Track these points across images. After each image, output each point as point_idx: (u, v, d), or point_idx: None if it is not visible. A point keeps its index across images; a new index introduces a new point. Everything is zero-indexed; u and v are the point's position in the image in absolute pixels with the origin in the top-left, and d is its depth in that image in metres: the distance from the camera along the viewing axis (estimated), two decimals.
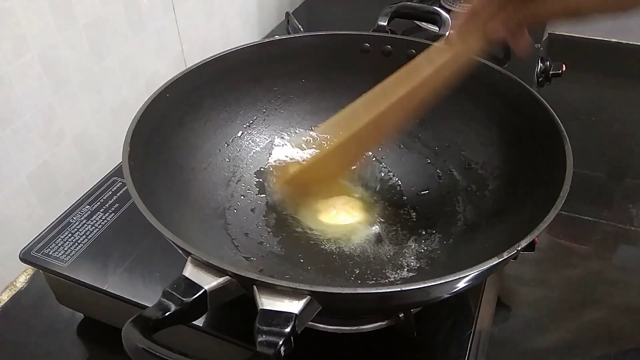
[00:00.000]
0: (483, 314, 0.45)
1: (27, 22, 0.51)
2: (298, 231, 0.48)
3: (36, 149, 0.56)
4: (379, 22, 0.68)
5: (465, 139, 0.52)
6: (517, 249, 0.32)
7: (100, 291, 0.44)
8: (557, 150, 0.40)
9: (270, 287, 0.30)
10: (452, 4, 0.85)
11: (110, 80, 0.64)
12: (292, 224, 0.49)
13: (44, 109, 0.56)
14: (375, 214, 0.50)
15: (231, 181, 0.52)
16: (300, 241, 0.48)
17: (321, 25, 0.93)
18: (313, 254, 0.46)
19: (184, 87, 0.48)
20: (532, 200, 0.41)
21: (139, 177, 0.38)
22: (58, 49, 0.55)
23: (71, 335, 0.50)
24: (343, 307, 0.36)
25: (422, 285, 0.30)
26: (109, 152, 0.66)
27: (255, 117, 0.55)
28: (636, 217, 0.74)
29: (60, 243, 0.48)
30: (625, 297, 0.64)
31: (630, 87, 1.06)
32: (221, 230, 0.47)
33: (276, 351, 0.28)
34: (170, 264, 0.46)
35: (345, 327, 0.41)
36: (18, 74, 0.52)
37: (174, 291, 0.31)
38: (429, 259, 0.45)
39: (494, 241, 0.42)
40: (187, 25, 0.75)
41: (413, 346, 0.41)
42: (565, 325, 0.61)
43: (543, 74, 0.76)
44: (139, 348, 0.28)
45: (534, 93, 0.45)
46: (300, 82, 0.56)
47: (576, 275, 0.66)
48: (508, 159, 0.48)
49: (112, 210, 0.51)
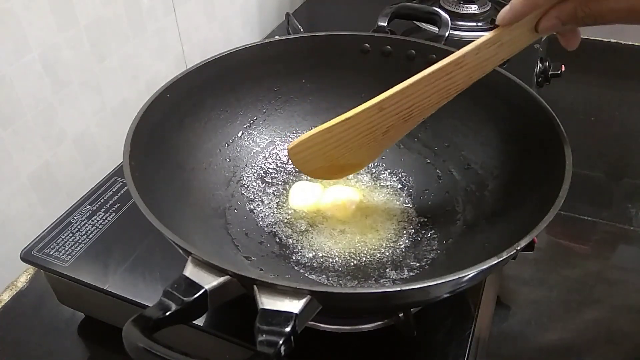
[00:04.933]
0: (482, 313, 0.45)
1: (28, 22, 0.51)
2: (298, 231, 0.49)
3: (37, 149, 0.56)
4: (379, 23, 0.68)
5: (464, 139, 0.52)
6: (517, 248, 0.32)
7: (101, 291, 0.44)
8: (556, 150, 0.40)
9: (271, 286, 0.30)
10: (451, 5, 0.86)
11: (111, 81, 0.64)
12: (292, 224, 0.49)
13: (44, 109, 0.56)
14: (374, 213, 0.50)
15: (231, 181, 0.52)
16: (300, 241, 0.48)
17: (321, 26, 0.94)
18: (313, 254, 0.46)
19: (185, 88, 0.48)
20: (532, 200, 0.41)
21: (140, 177, 0.38)
22: (59, 50, 0.56)
23: (72, 335, 0.50)
24: (343, 306, 0.36)
25: (422, 285, 0.30)
26: (109, 152, 0.66)
27: (255, 117, 0.55)
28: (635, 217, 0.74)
29: (61, 243, 0.48)
30: (625, 296, 0.64)
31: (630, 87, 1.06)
32: (221, 230, 0.47)
33: (276, 350, 0.28)
34: (170, 263, 0.46)
35: (345, 326, 0.41)
36: (19, 74, 0.52)
37: (174, 291, 0.31)
38: (429, 259, 0.45)
39: (493, 241, 0.42)
40: (187, 25, 0.75)
41: (413, 345, 0.41)
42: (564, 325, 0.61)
43: (542, 74, 0.77)
44: (140, 347, 0.28)
45: (533, 93, 0.45)
46: (300, 82, 0.56)
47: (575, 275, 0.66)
48: (507, 159, 0.48)
49: (112, 210, 0.51)
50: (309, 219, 0.50)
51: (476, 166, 0.50)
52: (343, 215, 0.50)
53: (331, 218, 0.50)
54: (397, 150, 0.55)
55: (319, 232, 0.48)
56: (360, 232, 0.48)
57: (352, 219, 0.50)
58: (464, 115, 0.51)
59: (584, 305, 0.63)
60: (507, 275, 0.66)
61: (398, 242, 0.47)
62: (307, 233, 0.48)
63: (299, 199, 0.51)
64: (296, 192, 0.52)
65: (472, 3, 0.85)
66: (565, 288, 0.65)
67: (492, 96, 0.49)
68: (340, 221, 0.49)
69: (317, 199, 0.51)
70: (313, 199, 0.51)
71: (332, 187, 0.53)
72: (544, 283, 0.66)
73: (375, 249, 0.47)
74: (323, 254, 0.46)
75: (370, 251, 0.47)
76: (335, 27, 0.57)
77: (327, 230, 0.48)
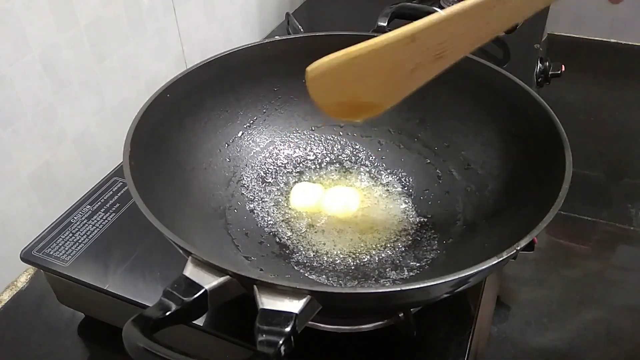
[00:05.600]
0: (482, 313, 0.45)
1: (28, 22, 0.51)
2: (298, 231, 0.49)
3: (37, 149, 0.56)
4: (379, 23, 0.68)
5: (464, 139, 0.52)
6: (517, 248, 0.32)
7: (101, 291, 0.44)
8: (556, 151, 0.40)
9: (271, 286, 0.30)
10: (451, 5, 0.86)
11: (111, 81, 0.64)
12: (292, 224, 0.49)
13: (44, 109, 0.56)
14: (374, 214, 0.50)
15: (231, 181, 0.52)
16: (300, 241, 0.48)
17: (321, 26, 0.94)
18: (313, 254, 0.46)
19: (185, 88, 0.48)
20: (531, 200, 0.41)
21: (140, 177, 0.38)
22: (59, 49, 0.56)
23: (72, 335, 0.50)
24: (343, 306, 0.36)
25: (421, 285, 0.30)
26: (109, 152, 0.66)
27: (255, 117, 0.55)
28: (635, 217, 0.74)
29: (61, 243, 0.48)
30: (624, 296, 0.64)
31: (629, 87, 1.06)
32: (221, 230, 0.47)
33: (276, 350, 0.28)
34: (170, 263, 0.46)
35: (345, 326, 0.41)
36: (19, 74, 0.52)
37: (174, 291, 0.31)
38: (429, 259, 0.45)
39: (493, 241, 0.42)
40: (187, 25, 0.75)
41: (413, 345, 0.41)
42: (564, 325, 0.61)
43: (542, 74, 0.77)
44: (140, 347, 0.28)
45: (533, 93, 0.45)
46: (300, 82, 0.55)
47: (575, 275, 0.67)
48: (507, 159, 0.48)
49: (112, 210, 0.51)
50: (309, 219, 0.50)
51: (476, 166, 0.50)
52: (343, 215, 0.50)
53: (331, 218, 0.50)
54: (397, 150, 0.55)
55: (319, 232, 0.48)
56: (360, 232, 0.48)
57: (352, 219, 0.50)
58: (464, 116, 0.51)
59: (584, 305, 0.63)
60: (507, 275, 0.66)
61: (398, 242, 0.47)
62: (307, 233, 0.48)
63: (300, 199, 0.51)
64: (297, 192, 0.52)
65: None
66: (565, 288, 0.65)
67: (493, 96, 0.49)
68: (340, 221, 0.49)
69: (317, 199, 0.51)
70: (314, 199, 0.51)
71: (332, 188, 0.53)
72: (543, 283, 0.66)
73: (375, 249, 0.47)
74: (323, 254, 0.46)
75: (370, 251, 0.47)
76: (335, 27, 0.57)
77: (327, 230, 0.49)
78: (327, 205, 0.51)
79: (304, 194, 0.52)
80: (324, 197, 0.52)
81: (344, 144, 0.57)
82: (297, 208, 0.51)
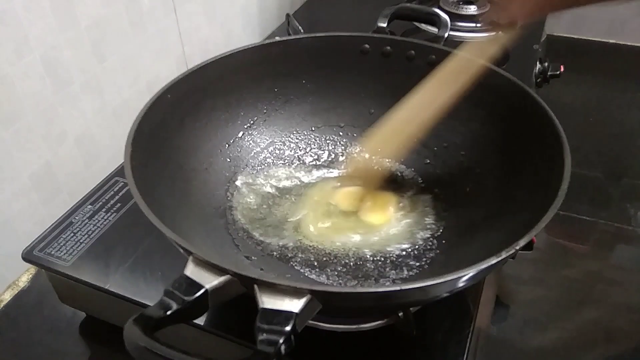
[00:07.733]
0: (481, 313, 0.46)
1: (29, 23, 0.52)
2: (298, 231, 0.49)
3: (38, 149, 0.57)
4: (379, 24, 0.69)
5: (463, 140, 0.52)
6: (516, 248, 0.33)
7: (102, 290, 0.45)
8: (555, 151, 0.40)
9: (271, 286, 0.30)
10: (451, 6, 0.86)
11: (112, 81, 0.64)
12: (293, 224, 0.49)
13: (46, 109, 0.56)
14: (374, 213, 0.50)
15: (232, 181, 0.52)
16: (301, 241, 0.48)
17: (321, 27, 0.94)
18: (313, 254, 0.47)
19: (185, 88, 0.48)
20: (531, 200, 0.41)
21: (141, 177, 0.38)
22: (60, 50, 0.56)
23: (73, 334, 0.50)
24: (343, 306, 0.37)
25: (421, 284, 0.30)
26: (110, 153, 0.66)
27: (256, 117, 0.55)
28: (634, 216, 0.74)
29: (62, 242, 0.48)
30: (623, 296, 0.65)
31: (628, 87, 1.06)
32: (222, 230, 0.48)
33: (276, 349, 0.28)
34: (171, 263, 0.46)
35: (345, 325, 0.41)
36: (20, 75, 0.52)
37: (175, 290, 0.31)
38: (428, 259, 0.46)
39: (492, 241, 0.42)
40: (188, 26, 0.75)
41: (412, 345, 0.41)
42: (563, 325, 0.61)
43: (541, 74, 0.77)
44: (141, 346, 0.28)
45: (532, 94, 0.46)
46: (300, 83, 0.56)
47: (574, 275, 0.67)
48: (506, 159, 0.48)
49: (114, 210, 0.51)
50: (310, 219, 0.50)
51: (475, 166, 0.50)
52: (344, 215, 0.50)
53: (331, 218, 0.50)
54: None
55: (319, 232, 0.48)
56: (360, 232, 0.48)
57: (352, 219, 0.50)
58: (463, 116, 0.52)
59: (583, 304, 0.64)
60: (506, 274, 0.66)
61: (398, 242, 0.48)
62: (307, 233, 0.48)
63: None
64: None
65: (471, 4, 0.86)
66: (564, 287, 0.65)
67: (492, 97, 0.49)
68: (341, 221, 0.49)
69: (319, 199, 0.51)
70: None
71: (333, 189, 0.53)
72: (542, 282, 0.66)
73: (375, 248, 0.47)
74: (323, 254, 0.46)
75: (370, 251, 0.47)
76: (335, 28, 0.57)
77: (327, 230, 0.49)
78: (328, 206, 0.51)
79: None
80: (325, 197, 0.52)
81: (344, 144, 0.57)
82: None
